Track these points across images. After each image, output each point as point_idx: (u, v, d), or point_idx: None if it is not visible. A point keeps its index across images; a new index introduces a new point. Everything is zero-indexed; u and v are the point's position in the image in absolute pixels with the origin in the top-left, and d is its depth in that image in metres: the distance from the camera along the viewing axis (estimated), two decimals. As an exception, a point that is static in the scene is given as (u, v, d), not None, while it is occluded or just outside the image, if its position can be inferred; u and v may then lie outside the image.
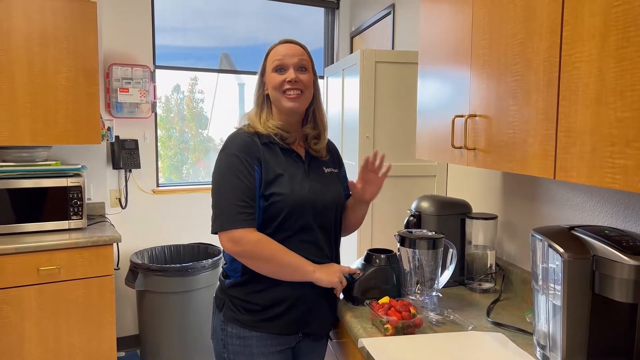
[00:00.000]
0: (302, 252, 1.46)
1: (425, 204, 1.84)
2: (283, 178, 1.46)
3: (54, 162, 2.64)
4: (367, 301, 1.49)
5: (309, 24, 3.85)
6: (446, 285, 1.76)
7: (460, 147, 1.51)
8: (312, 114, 1.59)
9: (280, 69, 1.49)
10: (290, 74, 1.48)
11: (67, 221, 2.58)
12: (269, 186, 1.44)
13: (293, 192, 1.45)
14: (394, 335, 1.36)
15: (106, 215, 3.04)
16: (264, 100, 1.56)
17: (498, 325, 1.46)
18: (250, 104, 1.61)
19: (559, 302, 1.15)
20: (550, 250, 1.17)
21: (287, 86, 1.48)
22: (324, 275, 1.45)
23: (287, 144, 1.52)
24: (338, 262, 1.62)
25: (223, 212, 1.41)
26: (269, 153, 1.48)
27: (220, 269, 1.60)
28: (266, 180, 1.44)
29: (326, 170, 1.60)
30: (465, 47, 1.50)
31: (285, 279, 1.44)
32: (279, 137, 1.50)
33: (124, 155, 3.16)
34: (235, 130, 1.54)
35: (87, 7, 2.58)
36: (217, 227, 1.41)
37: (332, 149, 1.68)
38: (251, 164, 1.43)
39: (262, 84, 1.56)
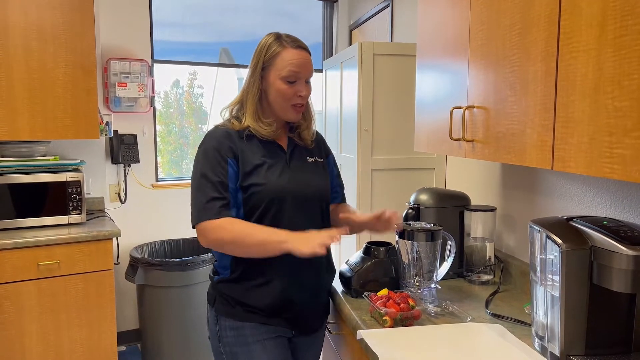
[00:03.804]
0: None
1: (424, 197, 1.83)
2: (261, 168, 1.44)
3: (53, 157, 2.64)
4: (366, 293, 1.49)
5: (307, 18, 3.83)
6: (445, 278, 1.76)
7: (459, 139, 1.50)
8: None
9: (292, 80, 1.45)
10: (303, 89, 1.46)
11: (66, 216, 2.58)
12: (246, 177, 1.42)
13: (272, 182, 1.43)
14: (392, 327, 1.36)
15: (105, 210, 3.04)
16: (260, 96, 1.49)
17: (496, 316, 1.46)
18: None
19: (557, 293, 1.15)
20: (548, 241, 1.17)
21: (297, 100, 1.46)
22: (300, 245, 1.28)
23: (270, 137, 1.50)
24: (330, 254, 1.58)
25: (194, 208, 1.41)
26: (247, 145, 1.46)
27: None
28: (244, 172, 1.42)
29: (310, 159, 1.57)
30: (463, 38, 1.49)
31: (259, 257, 1.38)
32: (269, 137, 1.48)
33: (122, 150, 3.16)
34: (214, 127, 1.51)
35: (84, 1, 2.57)
36: (192, 222, 1.42)
37: (319, 139, 1.66)
38: (224, 157, 1.41)
39: (260, 79, 1.48)
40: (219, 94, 3.71)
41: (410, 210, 1.85)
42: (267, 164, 1.45)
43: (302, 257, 1.28)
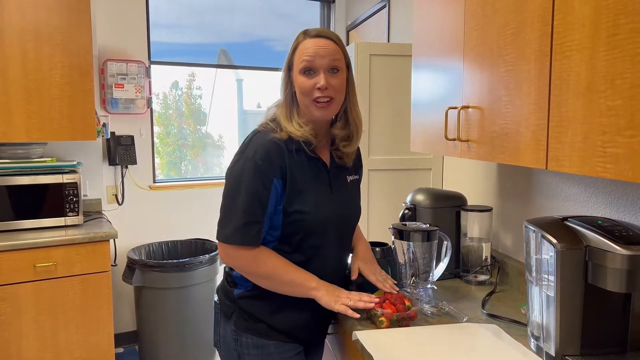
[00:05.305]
0: (326, 267, 1.42)
1: (420, 197, 1.83)
2: (307, 193, 1.35)
3: (50, 159, 2.63)
4: (362, 294, 1.49)
5: (304, 18, 3.83)
6: (441, 278, 1.75)
7: (454, 139, 1.50)
8: (343, 112, 1.42)
9: (308, 71, 1.32)
10: (320, 80, 1.31)
11: (64, 218, 2.58)
12: (292, 201, 1.33)
13: (317, 211, 1.36)
14: (388, 327, 1.36)
15: (103, 212, 3.03)
16: (292, 99, 1.39)
17: (493, 316, 1.45)
18: (249, 100, 1.54)
19: (552, 293, 1.15)
20: (543, 241, 1.17)
21: (317, 94, 1.32)
22: (329, 299, 1.34)
23: (314, 150, 1.39)
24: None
25: (229, 223, 1.31)
26: (296, 162, 1.34)
27: (221, 270, 1.56)
28: (290, 194, 1.33)
29: (349, 178, 1.49)
30: (458, 38, 1.49)
31: (282, 293, 1.37)
32: (306, 143, 1.36)
33: (120, 152, 3.15)
34: (260, 131, 1.38)
35: (80, 2, 2.56)
36: (221, 237, 1.33)
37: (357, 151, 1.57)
38: (270, 177, 1.30)
39: (289, 80, 1.38)
40: (217, 95, 3.71)
41: (406, 211, 1.85)
42: (312, 186, 1.36)
43: (327, 307, 1.34)
